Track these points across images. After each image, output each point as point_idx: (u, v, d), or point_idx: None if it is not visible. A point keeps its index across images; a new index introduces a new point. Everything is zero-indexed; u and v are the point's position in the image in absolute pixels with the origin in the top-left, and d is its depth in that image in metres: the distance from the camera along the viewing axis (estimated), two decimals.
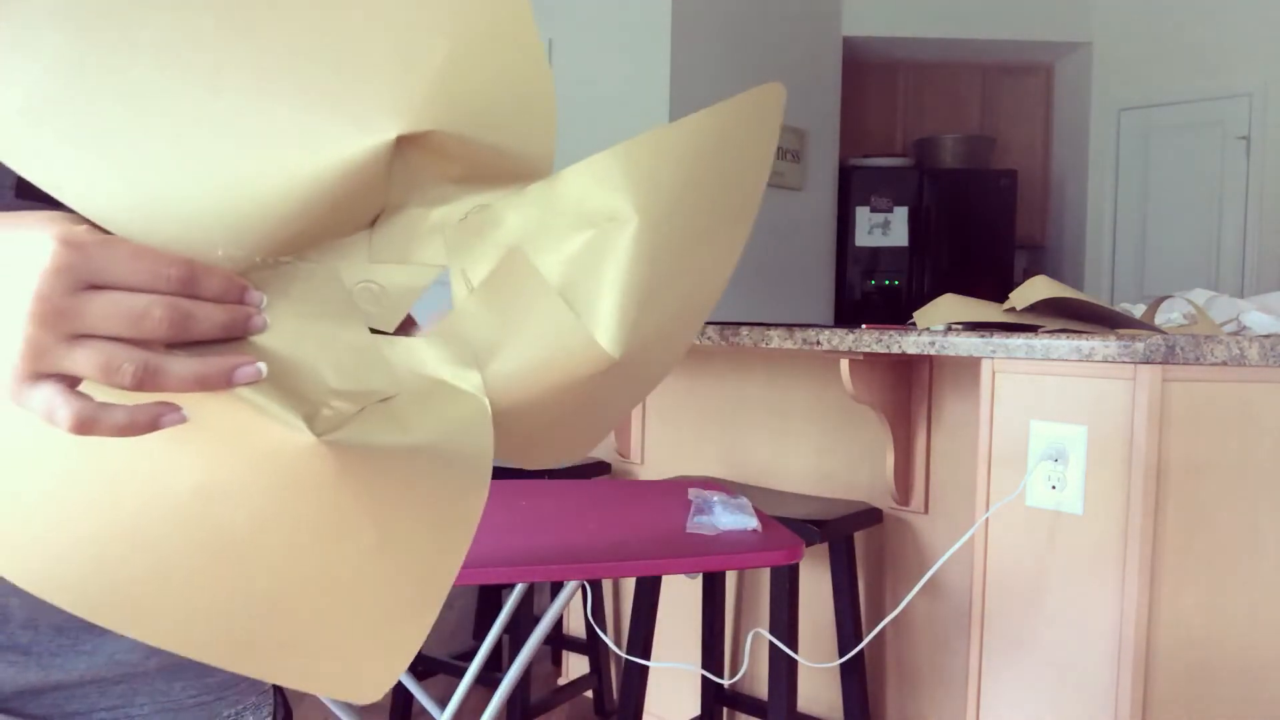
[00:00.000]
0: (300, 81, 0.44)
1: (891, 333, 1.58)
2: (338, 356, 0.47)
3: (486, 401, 0.50)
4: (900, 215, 4.85)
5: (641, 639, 1.76)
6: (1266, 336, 1.37)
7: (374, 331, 0.49)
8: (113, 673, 0.58)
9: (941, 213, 4.87)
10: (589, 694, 2.48)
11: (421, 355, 0.50)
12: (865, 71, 5.17)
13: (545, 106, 0.50)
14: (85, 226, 0.41)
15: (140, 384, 0.39)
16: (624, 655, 1.79)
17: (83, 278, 0.39)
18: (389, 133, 0.44)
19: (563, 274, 0.50)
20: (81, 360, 0.39)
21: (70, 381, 0.40)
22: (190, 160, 0.43)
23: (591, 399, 0.56)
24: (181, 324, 0.40)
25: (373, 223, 0.49)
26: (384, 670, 0.50)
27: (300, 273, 0.47)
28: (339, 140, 0.44)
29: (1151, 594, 1.32)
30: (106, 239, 0.40)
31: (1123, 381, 1.34)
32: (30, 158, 0.42)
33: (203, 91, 0.43)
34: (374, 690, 0.51)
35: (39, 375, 0.39)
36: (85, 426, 0.39)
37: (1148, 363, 1.30)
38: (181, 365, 0.40)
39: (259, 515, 0.46)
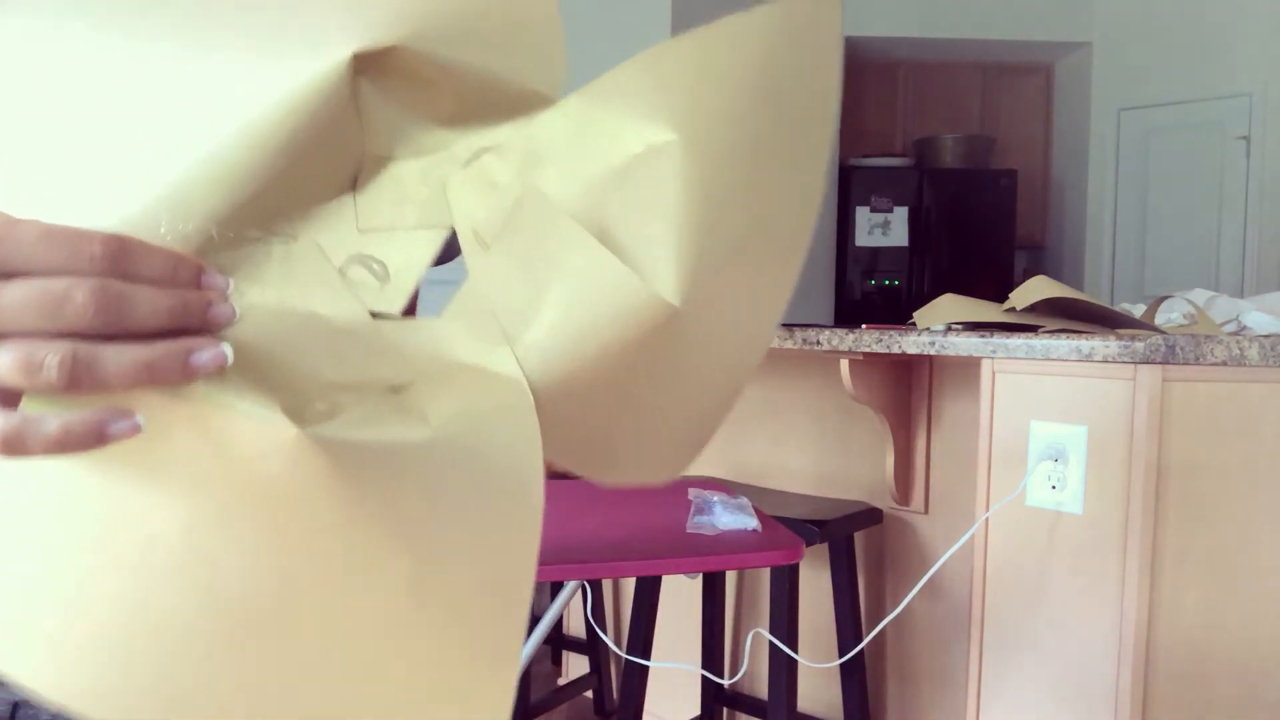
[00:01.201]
0: (245, 17, 0.36)
1: (891, 333, 1.58)
2: (331, 345, 0.38)
3: (524, 380, 0.41)
4: (900, 215, 4.85)
5: (641, 639, 1.75)
6: (1266, 336, 1.37)
7: (374, 316, 0.40)
8: None
9: (941, 213, 4.87)
10: (589, 694, 2.48)
11: (437, 335, 0.41)
12: (865, 71, 5.17)
13: (546, 14, 0.40)
14: None
15: (74, 380, 0.32)
16: (624, 655, 1.78)
17: None
18: (342, 50, 0.36)
19: (595, 213, 0.41)
20: None
21: (1, 397, 0.34)
22: (112, 121, 0.35)
23: (663, 376, 0.45)
24: (113, 308, 0.33)
25: (355, 184, 0.41)
26: None
27: (274, 251, 0.38)
28: (287, 72, 0.36)
29: (1151, 594, 1.32)
30: (11, 219, 0.33)
31: (1123, 381, 1.33)
32: None
33: (124, 43, 0.36)
34: None
35: None
36: (12, 444, 0.33)
37: (1148, 363, 1.30)
38: (121, 352, 0.33)
39: (258, 554, 0.37)
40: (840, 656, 1.79)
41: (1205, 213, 4.75)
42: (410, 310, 0.46)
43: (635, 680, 1.74)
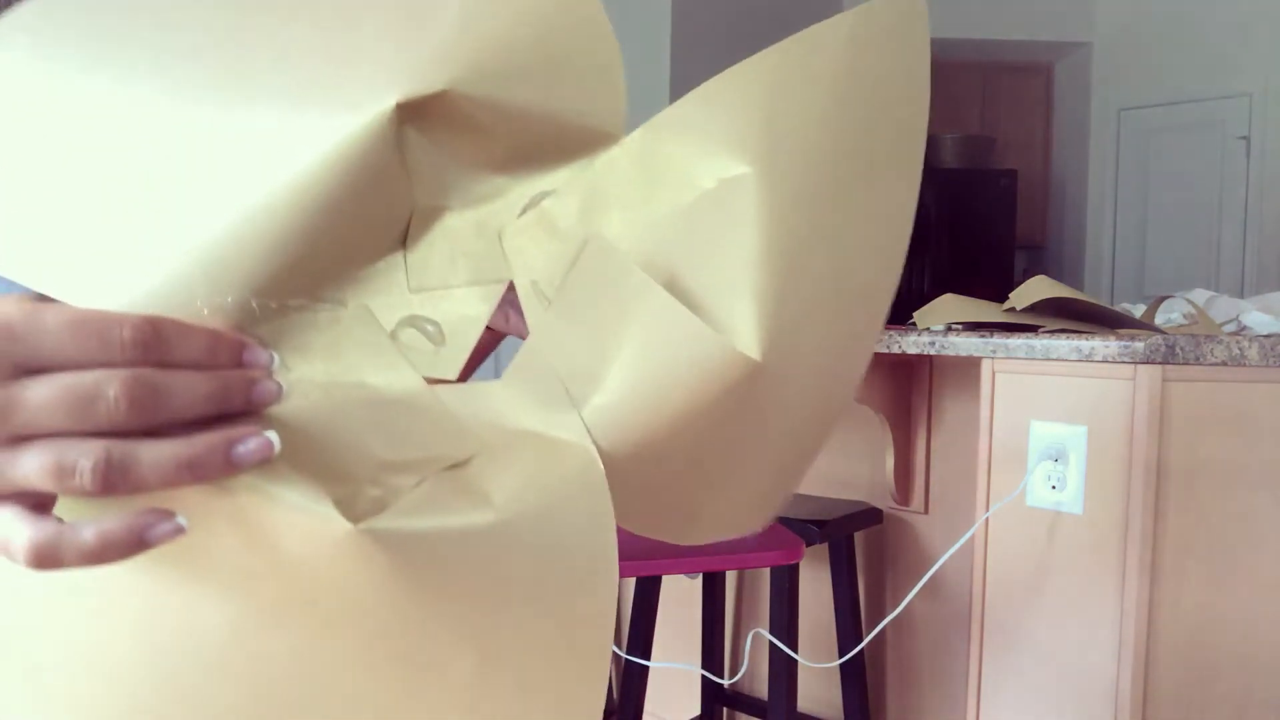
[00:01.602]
0: (282, 70, 0.34)
1: (891, 333, 1.58)
2: (386, 419, 0.35)
3: (593, 448, 0.37)
4: None
5: (641, 639, 1.75)
6: (1266, 336, 1.37)
7: (430, 381, 0.37)
8: None
9: (941, 213, 4.87)
10: None
11: (498, 402, 0.38)
12: None
13: (602, 45, 0.37)
14: (17, 298, 0.31)
15: (109, 484, 0.30)
16: (624, 655, 1.78)
17: (13, 360, 0.30)
18: (384, 101, 0.33)
19: (665, 258, 0.37)
20: (27, 466, 0.30)
21: (33, 501, 0.31)
22: (140, 183, 0.33)
23: (743, 432, 0.41)
24: (149, 402, 0.30)
25: (404, 241, 0.38)
26: None
27: (321, 319, 0.35)
28: (328, 129, 0.33)
29: (1151, 593, 1.32)
30: (35, 308, 0.31)
31: (1123, 381, 1.33)
32: None
33: (152, 99, 0.34)
34: None
35: None
36: (45, 557, 0.30)
37: (1148, 363, 1.30)
38: (158, 450, 0.30)
39: (311, 654, 0.34)
40: (840, 656, 1.79)
41: (1205, 213, 4.75)
42: (475, 360, 0.42)
43: (635, 680, 1.74)
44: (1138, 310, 1.83)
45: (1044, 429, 1.42)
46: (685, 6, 3.73)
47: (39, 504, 0.31)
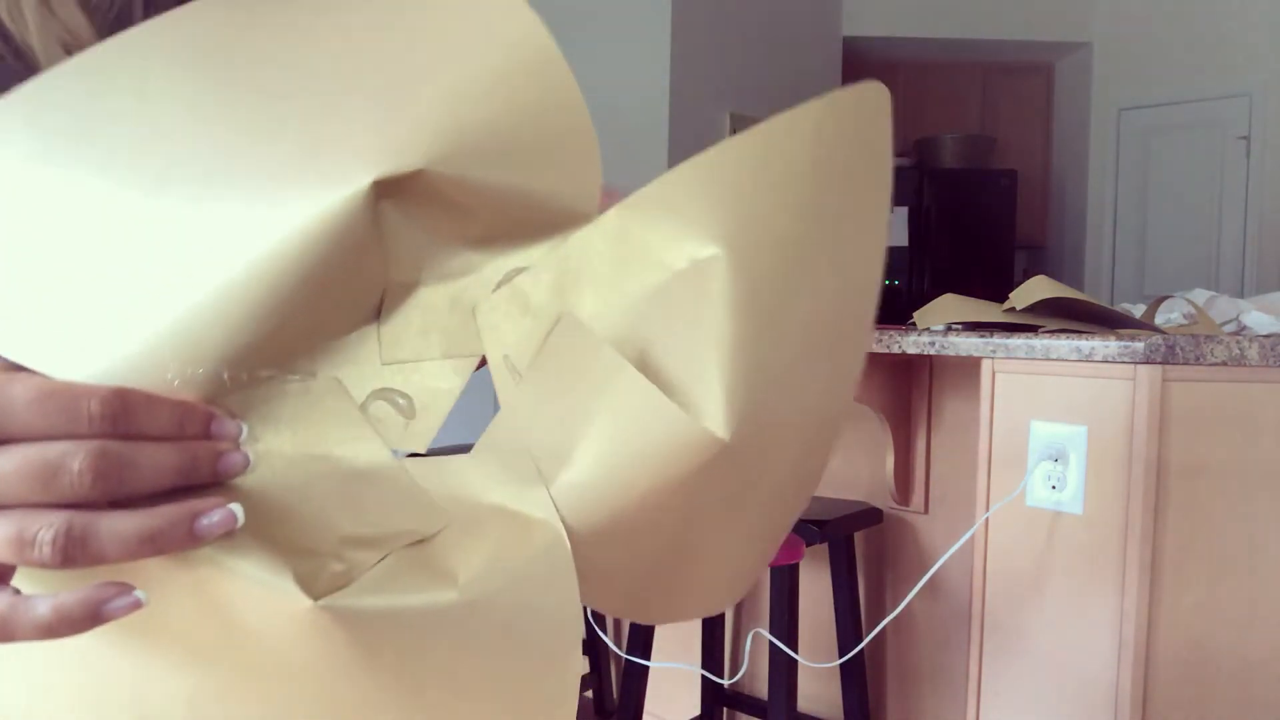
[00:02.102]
0: (265, 157, 0.34)
1: (891, 333, 1.58)
2: (351, 492, 0.36)
3: (561, 526, 0.37)
4: (900, 215, 4.85)
5: (641, 639, 1.75)
6: (1266, 336, 1.37)
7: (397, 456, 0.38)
8: None
9: (941, 213, 4.87)
10: (589, 694, 2.48)
11: (466, 476, 0.38)
12: (865, 71, 5.17)
13: (579, 129, 0.38)
14: None
15: (68, 557, 0.29)
16: (624, 655, 1.78)
17: None
18: (361, 180, 0.34)
19: (636, 337, 0.38)
20: None
21: None
22: (114, 257, 0.33)
23: (713, 511, 0.41)
24: (114, 474, 0.30)
25: (378, 313, 0.38)
26: None
27: (291, 390, 0.36)
28: (304, 202, 0.34)
29: (1151, 594, 1.32)
30: (5, 378, 0.31)
31: (1123, 381, 1.33)
32: None
33: (136, 195, 0.34)
34: None
35: None
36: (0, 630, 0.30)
37: (1148, 363, 1.30)
38: (120, 522, 0.30)
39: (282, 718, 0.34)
40: (840, 656, 1.79)
41: (1205, 213, 4.75)
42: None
43: (635, 680, 1.74)
44: (1138, 310, 1.83)
45: (1044, 429, 1.42)
46: (685, 6, 3.73)
47: None
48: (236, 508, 0.32)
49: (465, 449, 0.42)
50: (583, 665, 0.34)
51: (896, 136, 5.38)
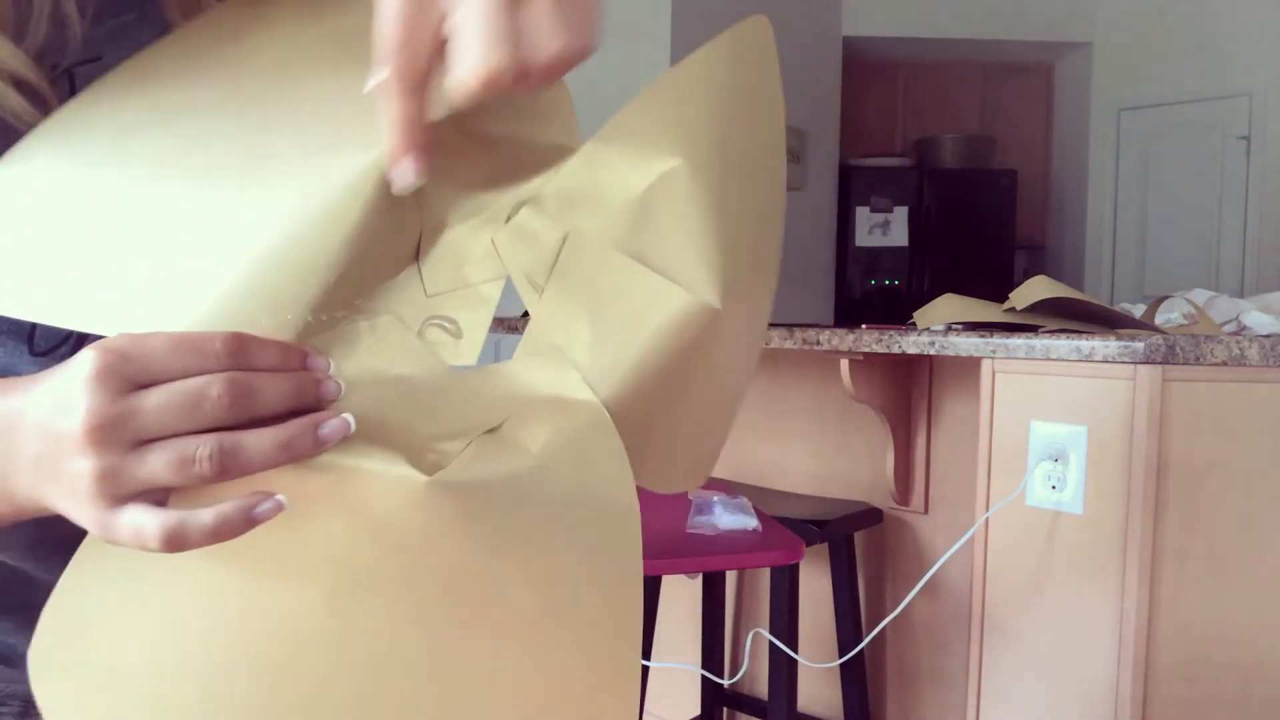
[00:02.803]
0: (305, 131, 0.42)
1: (891, 333, 1.58)
2: (427, 402, 0.42)
3: (598, 402, 0.45)
4: (900, 215, 4.85)
5: (642, 639, 1.75)
6: (1266, 336, 1.37)
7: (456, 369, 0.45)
8: None
9: (941, 213, 4.87)
10: None
11: (514, 377, 0.45)
12: (865, 71, 5.17)
13: (554, 86, 0.46)
14: (120, 334, 0.38)
15: (223, 469, 0.36)
16: None
17: (127, 377, 0.36)
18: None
19: (628, 241, 0.45)
20: (154, 464, 0.36)
21: (156, 497, 0.37)
22: (196, 244, 0.40)
23: (702, 378, 0.49)
24: (245, 398, 0.37)
25: (417, 255, 0.45)
26: None
27: (361, 327, 0.43)
28: (347, 166, 0.41)
29: (1151, 594, 1.32)
30: (137, 335, 0.37)
31: (1123, 381, 1.33)
32: (41, 300, 0.40)
33: (192, 177, 0.41)
34: None
35: (117, 499, 0.36)
36: (175, 540, 0.36)
37: (1148, 363, 1.30)
38: (259, 437, 0.37)
39: (398, 607, 0.40)
40: (840, 656, 1.79)
41: (1205, 213, 4.75)
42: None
43: None
44: (1138, 310, 1.83)
45: (1044, 429, 1.42)
46: (685, 6, 3.73)
47: (158, 501, 0.37)
48: (349, 416, 0.38)
49: None
50: (638, 514, 0.41)
51: (897, 136, 5.39)
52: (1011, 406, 1.46)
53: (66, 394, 0.36)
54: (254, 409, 0.37)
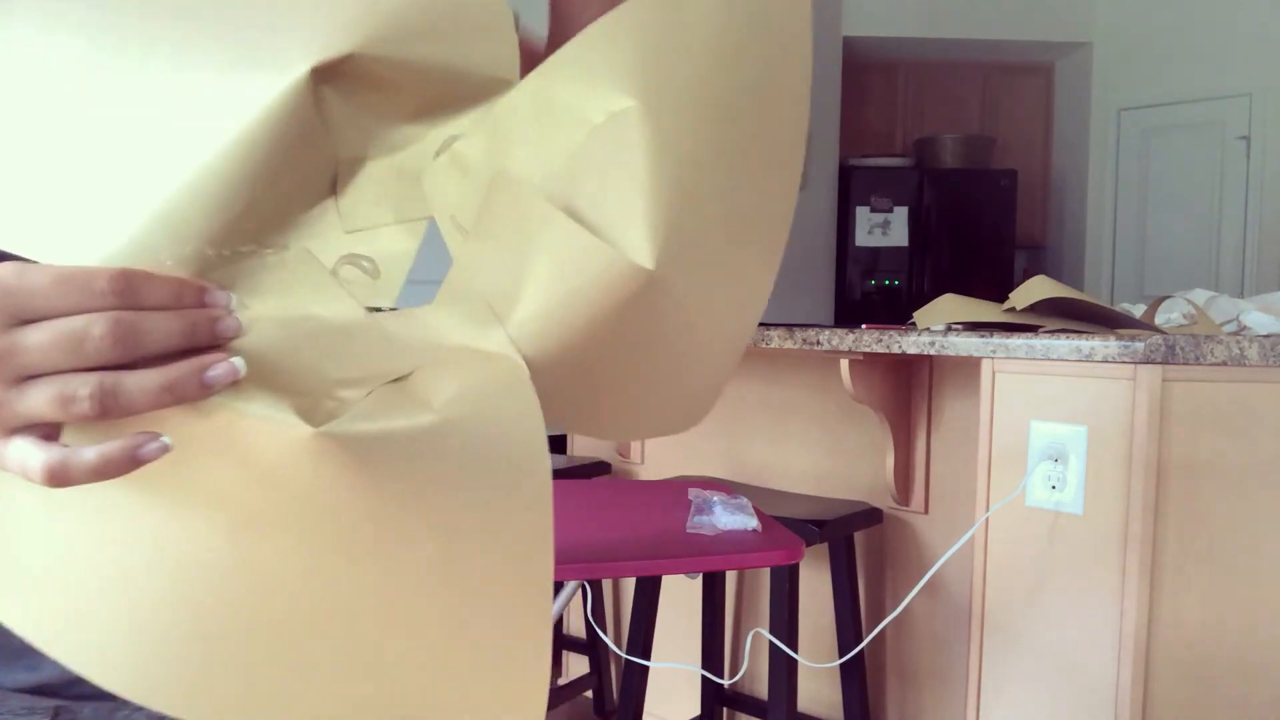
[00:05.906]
0: (213, 47, 0.39)
1: (891, 333, 1.58)
2: (334, 344, 0.40)
3: (519, 357, 0.42)
4: (900, 215, 4.85)
5: (641, 639, 1.75)
6: (1266, 336, 1.37)
7: (370, 310, 0.42)
8: None
9: (941, 213, 4.87)
10: (589, 694, 2.48)
11: (431, 323, 0.42)
12: (865, 71, 5.17)
13: (493, 7, 0.42)
14: (6, 264, 0.37)
15: (104, 409, 0.35)
16: (624, 655, 1.78)
17: (9, 313, 0.35)
18: (299, 68, 0.38)
19: (565, 187, 0.42)
20: (35, 400, 0.36)
21: (44, 431, 0.37)
22: (95, 164, 0.38)
23: (651, 341, 0.46)
24: (129, 338, 0.36)
25: (334, 189, 0.43)
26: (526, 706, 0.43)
27: (269, 262, 0.40)
28: (254, 93, 0.38)
29: (1151, 594, 1.32)
30: (23, 268, 0.36)
31: (1123, 381, 1.33)
32: None
33: (104, 84, 0.38)
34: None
35: (3, 430, 0.36)
36: (57, 475, 0.36)
37: (1148, 363, 1.30)
38: (144, 378, 0.36)
39: (296, 551, 0.40)
40: (840, 656, 1.79)
41: (1205, 213, 4.75)
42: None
43: (635, 680, 1.74)
44: (1138, 310, 1.83)
45: (1044, 429, 1.42)
46: None
47: (47, 435, 0.37)
48: (239, 360, 0.37)
49: None
50: (550, 473, 0.40)
51: (897, 136, 5.38)
52: (1011, 406, 1.46)
53: None
54: (140, 348, 0.36)
